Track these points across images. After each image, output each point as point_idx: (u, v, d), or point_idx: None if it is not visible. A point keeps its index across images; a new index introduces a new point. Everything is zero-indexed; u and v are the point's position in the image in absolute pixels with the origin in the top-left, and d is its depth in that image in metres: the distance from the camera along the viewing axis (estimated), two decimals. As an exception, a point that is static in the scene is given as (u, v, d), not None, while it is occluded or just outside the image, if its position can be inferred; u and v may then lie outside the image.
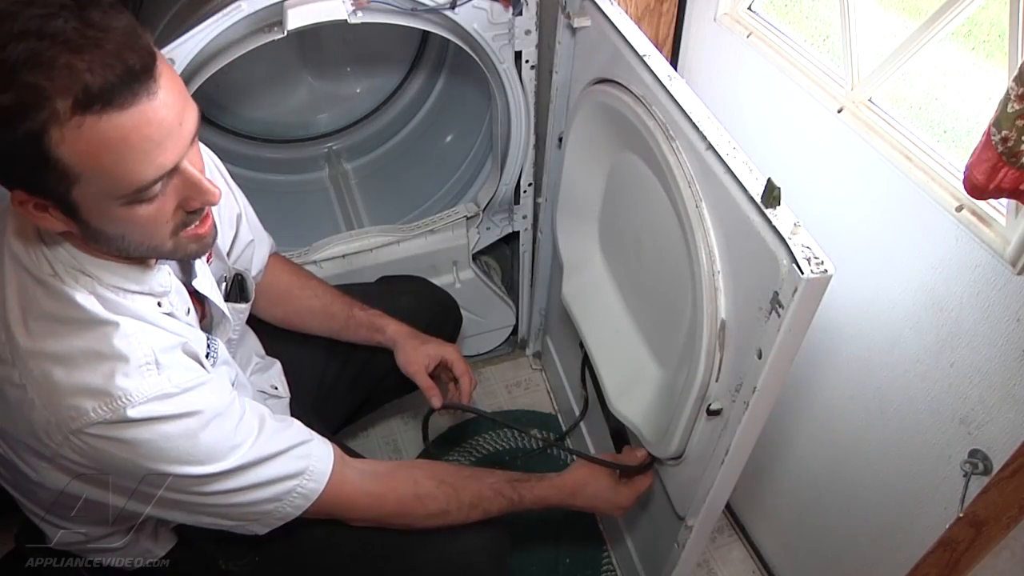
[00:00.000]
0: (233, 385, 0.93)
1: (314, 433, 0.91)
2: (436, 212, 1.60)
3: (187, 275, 0.88)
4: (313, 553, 1.00)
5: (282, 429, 0.87)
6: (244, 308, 1.04)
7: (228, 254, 1.03)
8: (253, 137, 1.86)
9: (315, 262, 1.52)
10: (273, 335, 1.21)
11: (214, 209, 0.79)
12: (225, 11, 1.08)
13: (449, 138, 1.86)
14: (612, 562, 1.45)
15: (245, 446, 0.80)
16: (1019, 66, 0.60)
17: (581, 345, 1.32)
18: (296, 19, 1.11)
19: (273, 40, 1.14)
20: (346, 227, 1.75)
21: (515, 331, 1.82)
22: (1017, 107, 0.59)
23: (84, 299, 0.71)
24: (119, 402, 0.70)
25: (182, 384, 0.74)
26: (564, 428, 1.67)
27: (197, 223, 0.74)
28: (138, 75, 0.60)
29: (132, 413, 0.70)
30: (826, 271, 0.68)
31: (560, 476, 1.09)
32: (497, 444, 1.65)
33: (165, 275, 0.80)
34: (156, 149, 0.63)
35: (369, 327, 1.20)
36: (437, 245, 1.60)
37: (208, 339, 0.88)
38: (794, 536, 1.32)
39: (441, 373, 1.25)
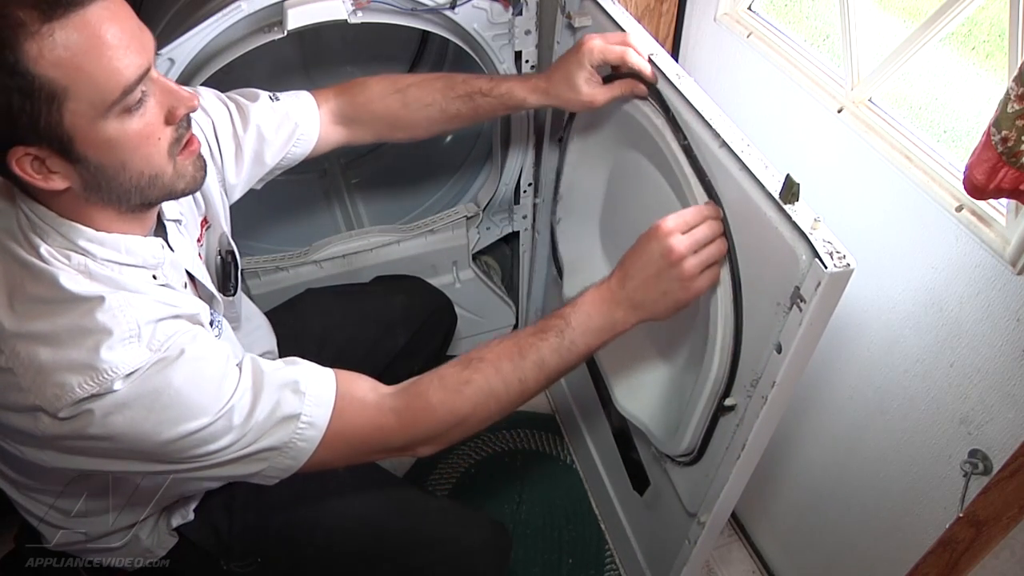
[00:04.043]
0: None
1: (307, 362, 0.83)
2: (436, 212, 1.60)
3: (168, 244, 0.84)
4: (314, 554, 1.00)
5: (273, 366, 0.80)
6: (228, 300, 0.99)
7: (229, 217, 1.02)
8: (253, 137, 1.86)
9: (315, 262, 1.52)
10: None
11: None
12: (225, 11, 1.08)
13: (449, 138, 1.86)
14: (615, 562, 1.45)
15: (235, 393, 0.75)
16: (1019, 66, 0.60)
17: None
18: (296, 19, 1.11)
19: (273, 40, 1.14)
20: (346, 227, 1.75)
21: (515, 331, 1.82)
22: (1017, 107, 0.60)
23: (68, 279, 0.71)
24: (105, 375, 0.69)
25: (163, 342, 0.72)
26: (563, 429, 1.68)
27: (187, 139, 0.76)
28: None
29: (118, 385, 0.69)
30: (848, 265, 0.69)
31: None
32: (497, 446, 1.65)
33: (158, 247, 0.80)
34: (128, 46, 0.66)
35: (500, 108, 1.10)
36: (437, 245, 1.60)
37: (211, 311, 0.86)
38: (794, 536, 1.32)
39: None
